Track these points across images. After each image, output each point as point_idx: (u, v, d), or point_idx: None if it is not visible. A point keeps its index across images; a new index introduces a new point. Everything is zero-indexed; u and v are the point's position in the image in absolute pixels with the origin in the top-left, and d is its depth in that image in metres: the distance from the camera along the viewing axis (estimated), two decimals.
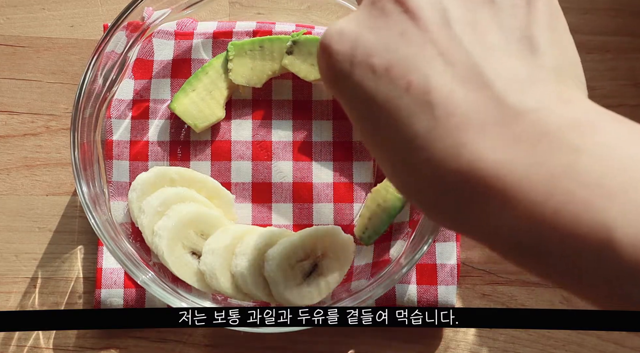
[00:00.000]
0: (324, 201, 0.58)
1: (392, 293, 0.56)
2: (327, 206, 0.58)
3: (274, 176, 0.58)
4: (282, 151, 0.59)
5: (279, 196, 0.58)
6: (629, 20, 0.62)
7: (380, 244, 0.57)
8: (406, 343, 0.58)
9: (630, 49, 0.61)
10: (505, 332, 0.58)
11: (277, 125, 0.59)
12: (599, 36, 0.61)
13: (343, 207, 0.58)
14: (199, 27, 0.59)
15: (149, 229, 0.54)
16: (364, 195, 0.58)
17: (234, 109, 0.59)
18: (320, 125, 0.59)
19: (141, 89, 0.58)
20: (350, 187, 0.59)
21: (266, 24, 0.60)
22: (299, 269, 0.53)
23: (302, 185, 0.58)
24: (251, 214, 0.58)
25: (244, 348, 0.57)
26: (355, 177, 0.59)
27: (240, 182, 0.58)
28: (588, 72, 0.61)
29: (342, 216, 0.58)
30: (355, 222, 0.58)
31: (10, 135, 0.60)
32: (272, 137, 0.59)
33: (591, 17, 0.62)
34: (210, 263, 0.53)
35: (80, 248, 0.58)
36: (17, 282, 0.58)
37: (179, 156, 0.59)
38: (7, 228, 0.59)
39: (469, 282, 0.59)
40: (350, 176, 0.59)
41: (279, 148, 0.59)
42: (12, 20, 0.61)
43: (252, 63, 0.58)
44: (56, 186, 0.59)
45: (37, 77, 0.60)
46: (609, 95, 0.61)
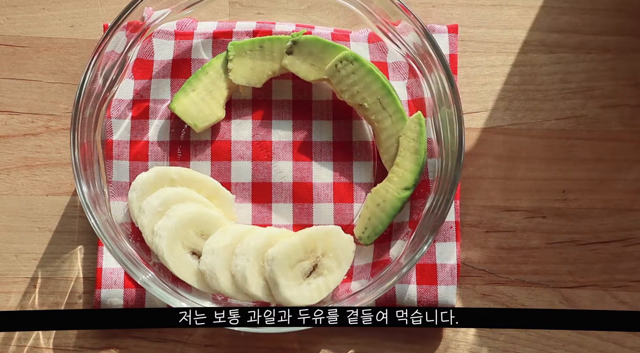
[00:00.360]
0: (324, 201, 0.58)
1: (392, 293, 0.56)
2: (327, 206, 0.58)
3: (274, 176, 0.58)
4: (282, 151, 0.59)
5: (279, 196, 0.58)
6: (629, 20, 0.62)
7: (380, 244, 0.57)
8: (406, 343, 0.58)
9: (630, 49, 0.61)
10: (505, 332, 0.58)
11: (277, 125, 0.59)
12: (599, 36, 0.61)
13: (343, 207, 0.58)
14: (199, 27, 0.59)
15: (149, 229, 0.54)
16: (364, 195, 0.58)
17: (234, 109, 0.59)
18: (320, 125, 0.59)
19: (141, 89, 0.58)
20: (350, 187, 0.59)
21: (266, 24, 0.60)
22: (299, 269, 0.53)
23: (302, 185, 0.58)
24: (251, 214, 0.58)
25: (244, 348, 0.57)
26: (355, 177, 0.59)
27: (240, 182, 0.58)
28: (588, 72, 0.61)
29: (342, 216, 0.58)
30: (355, 222, 0.58)
31: (10, 135, 0.60)
32: (272, 137, 0.59)
33: (591, 17, 0.62)
34: (210, 263, 0.53)
35: (80, 248, 0.58)
36: (17, 282, 0.58)
37: (179, 156, 0.59)
38: (7, 228, 0.59)
39: (469, 282, 0.59)
40: (350, 176, 0.59)
41: (278, 148, 0.59)
42: (12, 20, 0.61)
43: (252, 63, 0.58)
44: (56, 186, 0.59)
45: (37, 77, 0.60)
46: (609, 95, 0.61)
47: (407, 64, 0.58)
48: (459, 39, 0.61)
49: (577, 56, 0.61)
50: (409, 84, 0.58)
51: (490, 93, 0.61)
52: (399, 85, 0.58)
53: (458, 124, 0.52)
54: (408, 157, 0.55)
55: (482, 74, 0.61)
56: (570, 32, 0.62)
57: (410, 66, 0.57)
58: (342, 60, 0.56)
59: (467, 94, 0.61)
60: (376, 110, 0.56)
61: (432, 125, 0.56)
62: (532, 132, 0.60)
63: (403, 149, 0.56)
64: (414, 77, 0.57)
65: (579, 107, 0.61)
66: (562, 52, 0.61)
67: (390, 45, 0.58)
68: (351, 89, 0.56)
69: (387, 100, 0.56)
